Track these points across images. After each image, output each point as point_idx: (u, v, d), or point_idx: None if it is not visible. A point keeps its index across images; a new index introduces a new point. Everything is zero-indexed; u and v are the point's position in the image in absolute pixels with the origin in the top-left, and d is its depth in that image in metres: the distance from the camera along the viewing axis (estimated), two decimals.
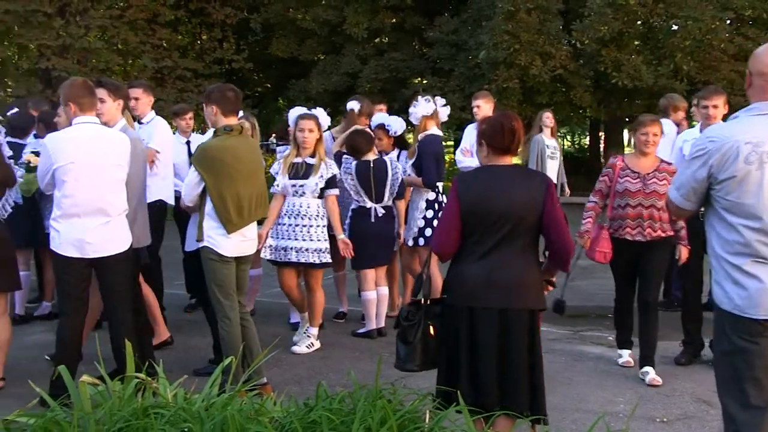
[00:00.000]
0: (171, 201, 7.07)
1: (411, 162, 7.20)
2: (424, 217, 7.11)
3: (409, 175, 7.22)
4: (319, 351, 6.72)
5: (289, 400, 4.30)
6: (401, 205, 7.25)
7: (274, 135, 19.91)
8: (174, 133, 7.74)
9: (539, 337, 4.09)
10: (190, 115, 8.17)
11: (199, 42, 24.79)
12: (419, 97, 7.27)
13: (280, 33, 23.19)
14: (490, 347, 3.93)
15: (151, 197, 6.35)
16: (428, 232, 7.06)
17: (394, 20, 22.11)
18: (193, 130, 8.20)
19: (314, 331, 6.80)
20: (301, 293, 6.82)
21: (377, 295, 7.12)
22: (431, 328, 4.11)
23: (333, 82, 21.01)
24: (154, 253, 7.09)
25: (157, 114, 7.31)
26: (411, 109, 7.18)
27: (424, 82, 21.70)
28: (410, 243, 7.19)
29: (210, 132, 5.95)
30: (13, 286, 5.86)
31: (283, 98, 26.97)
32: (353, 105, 7.57)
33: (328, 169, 6.58)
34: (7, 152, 5.92)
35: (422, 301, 4.14)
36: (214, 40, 23.11)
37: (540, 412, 4.00)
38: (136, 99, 7.02)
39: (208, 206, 5.46)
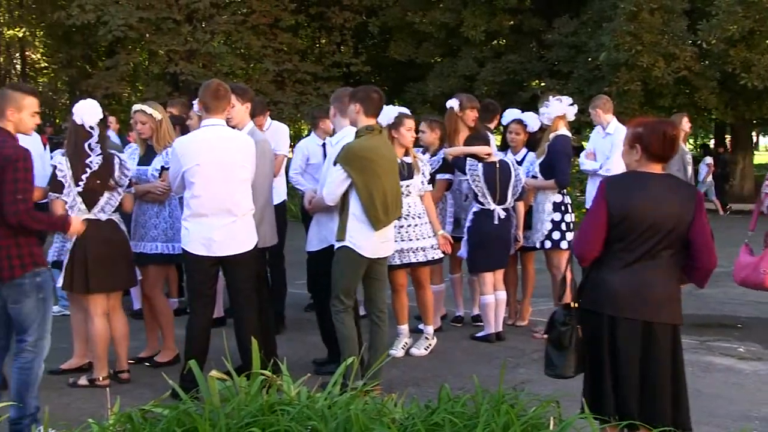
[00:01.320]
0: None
1: (538, 162, 7.11)
2: (552, 220, 7.02)
3: (533, 176, 7.14)
4: (438, 354, 6.71)
5: (410, 402, 4.32)
6: (521, 207, 7.19)
7: None
8: (309, 134, 7.91)
9: (681, 350, 3.97)
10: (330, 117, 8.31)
11: (318, 46, 25.23)
12: (551, 98, 7.15)
13: (398, 36, 23.35)
14: (633, 358, 3.81)
15: (277, 198, 6.50)
16: (556, 235, 6.97)
17: (511, 22, 21.96)
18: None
19: (430, 330, 6.77)
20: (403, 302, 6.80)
21: (496, 299, 7.07)
22: (580, 331, 4.00)
23: (450, 85, 21.01)
24: (277, 252, 7.28)
25: (276, 116, 7.47)
26: (542, 109, 7.05)
27: (542, 84, 21.46)
28: (537, 245, 7.10)
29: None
30: (128, 283, 6.08)
31: (399, 101, 27.15)
32: (453, 103, 7.56)
33: (426, 165, 6.63)
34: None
35: (572, 305, 4.05)
36: (333, 43, 23.48)
37: (684, 426, 3.88)
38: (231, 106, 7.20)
39: (354, 206, 5.52)
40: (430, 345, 6.72)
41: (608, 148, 7.97)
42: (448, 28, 21.70)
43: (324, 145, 7.75)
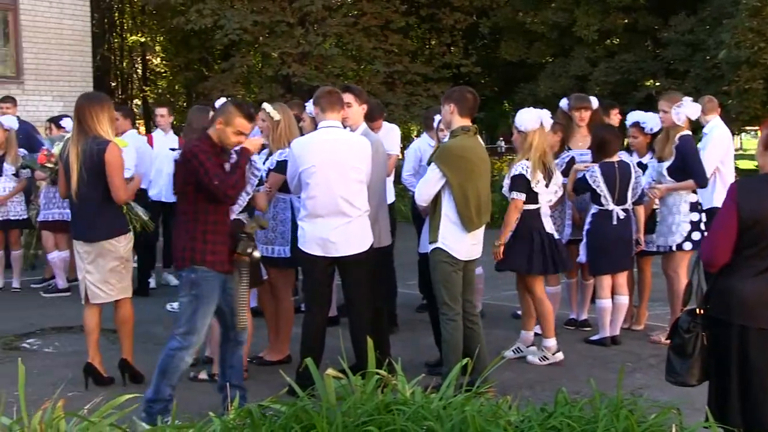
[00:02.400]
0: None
1: (667, 165, 6.89)
2: (691, 221, 6.82)
3: (657, 182, 6.94)
4: None
5: (525, 405, 4.29)
6: (641, 211, 7.02)
7: (501, 138, 20.00)
8: (420, 135, 7.95)
9: None
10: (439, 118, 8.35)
11: (428, 47, 25.26)
12: (685, 98, 6.94)
13: (509, 36, 23.14)
14: (764, 370, 3.69)
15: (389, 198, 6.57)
16: (696, 235, 6.78)
17: (625, 21, 21.47)
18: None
19: (549, 343, 6.53)
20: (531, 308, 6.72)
21: (614, 304, 6.93)
22: (705, 339, 3.89)
23: (561, 85, 20.68)
24: (388, 252, 7.32)
25: (387, 117, 7.54)
26: (676, 109, 6.83)
27: (657, 84, 20.89)
28: (673, 248, 6.92)
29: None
30: (254, 283, 6.17)
31: (509, 101, 26.92)
32: (562, 103, 7.47)
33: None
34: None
35: (697, 311, 3.93)
36: (443, 44, 23.46)
37: None
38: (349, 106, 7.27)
39: (447, 207, 5.53)
40: (545, 357, 6.56)
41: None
42: (560, 27, 21.38)
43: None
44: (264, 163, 6.30)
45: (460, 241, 5.55)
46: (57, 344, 6.95)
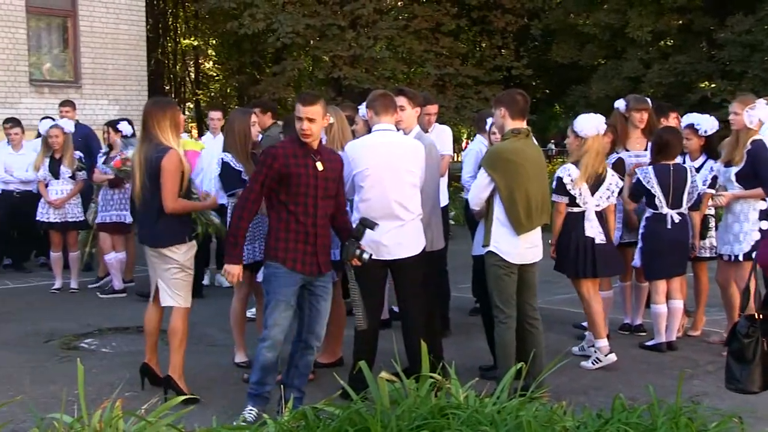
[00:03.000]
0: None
1: (735, 170, 6.68)
2: (760, 229, 6.61)
3: (723, 187, 6.80)
4: None
5: (581, 411, 4.24)
6: (697, 216, 6.90)
7: (552, 141, 19.85)
8: (474, 138, 7.93)
9: None
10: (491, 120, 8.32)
11: (479, 49, 25.18)
12: (759, 100, 6.76)
13: (560, 38, 22.98)
14: None
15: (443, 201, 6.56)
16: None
17: (680, 22, 21.17)
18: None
19: (601, 344, 6.47)
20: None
21: (669, 309, 6.83)
22: (765, 344, 3.81)
23: (614, 87, 20.45)
24: (442, 255, 7.30)
25: (437, 119, 7.55)
26: (749, 112, 6.66)
27: (712, 85, 20.56)
28: (740, 257, 6.72)
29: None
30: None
31: (560, 104, 26.72)
32: (619, 104, 7.37)
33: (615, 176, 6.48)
34: None
35: (757, 316, 3.85)
36: (494, 47, 23.37)
37: None
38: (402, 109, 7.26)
39: (498, 210, 5.50)
40: (598, 359, 6.50)
41: None
42: (613, 29, 21.15)
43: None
44: None
45: (512, 245, 5.51)
46: (114, 344, 7.05)
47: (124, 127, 8.95)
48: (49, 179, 9.04)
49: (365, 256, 5.13)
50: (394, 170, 5.50)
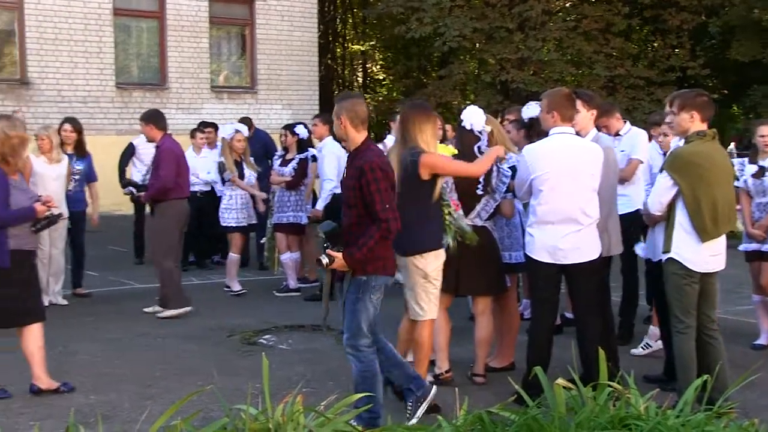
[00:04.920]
0: None
1: None
2: None
3: None
4: None
5: None
6: None
7: (732, 142, 18.98)
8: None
9: None
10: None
11: (651, 49, 24.36)
12: None
13: (741, 36, 21.87)
14: None
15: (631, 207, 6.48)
16: None
17: None
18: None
19: None
20: None
21: None
22: None
23: None
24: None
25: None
26: None
27: None
28: None
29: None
30: (497, 289, 6.15)
31: (738, 105, 25.46)
32: None
33: None
34: None
35: None
36: (668, 46, 22.53)
37: None
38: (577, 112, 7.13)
39: (681, 215, 5.30)
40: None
41: None
42: None
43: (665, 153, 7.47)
44: None
45: (695, 252, 5.29)
46: (290, 341, 7.29)
47: (301, 131, 9.24)
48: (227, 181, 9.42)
49: (323, 260, 4.91)
50: (574, 174, 5.42)
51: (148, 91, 16.62)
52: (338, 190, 8.37)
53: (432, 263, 5.34)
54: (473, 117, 5.83)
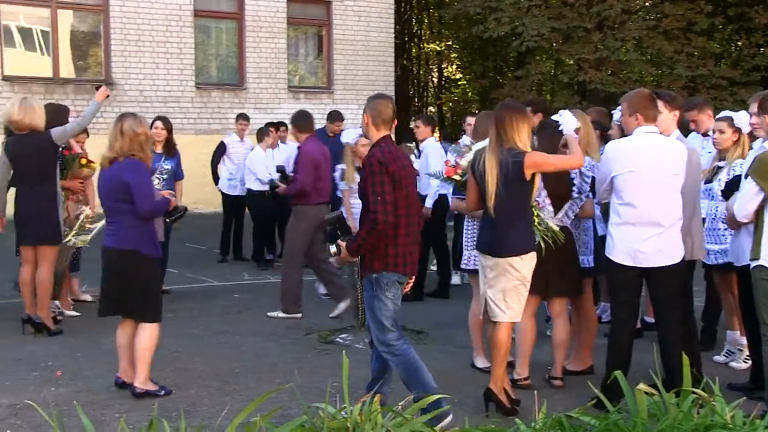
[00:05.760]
0: None
1: None
2: None
3: None
4: None
5: None
6: None
7: None
8: None
9: None
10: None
11: (735, 48, 23.74)
12: None
13: None
14: None
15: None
16: None
17: None
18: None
19: None
20: None
21: None
22: None
23: None
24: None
25: None
26: None
27: None
28: None
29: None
30: (573, 292, 6.09)
31: None
32: None
33: None
34: None
35: None
36: (753, 45, 21.93)
37: None
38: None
39: None
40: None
41: None
42: None
43: None
44: None
45: None
46: (366, 342, 7.28)
47: None
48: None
49: (332, 249, 5.13)
50: (658, 174, 5.31)
51: (226, 91, 16.90)
52: (443, 190, 8.53)
53: (528, 265, 5.30)
54: (568, 122, 5.76)
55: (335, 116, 10.88)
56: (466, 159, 5.83)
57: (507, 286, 5.28)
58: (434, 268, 9.75)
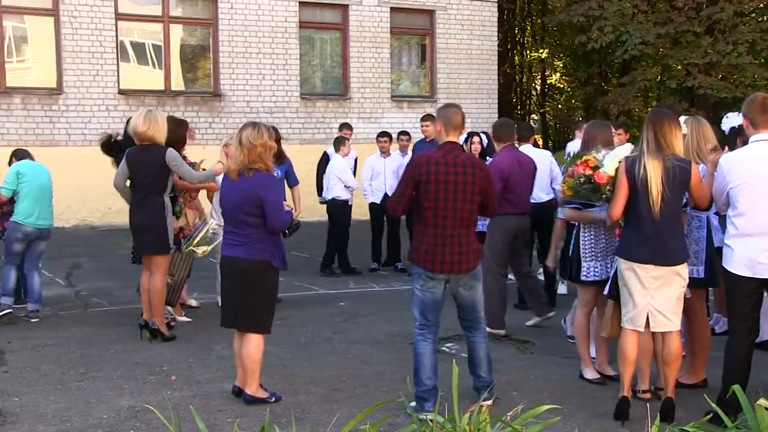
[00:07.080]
0: None
1: None
2: None
3: None
4: None
5: None
6: None
7: None
8: None
9: None
10: None
11: None
12: None
13: None
14: None
15: None
16: None
17: None
18: None
19: None
20: None
21: None
22: None
23: None
24: None
25: None
26: None
27: None
28: None
29: None
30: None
31: None
32: None
33: None
34: None
35: None
36: None
37: None
38: None
39: None
40: None
41: None
42: None
43: None
44: None
45: None
46: None
47: (483, 138, 9.26)
48: None
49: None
50: None
51: (330, 101, 17.11)
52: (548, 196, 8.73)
53: (687, 270, 5.45)
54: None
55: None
56: (611, 167, 5.66)
57: (674, 295, 5.33)
58: (541, 277, 9.63)
